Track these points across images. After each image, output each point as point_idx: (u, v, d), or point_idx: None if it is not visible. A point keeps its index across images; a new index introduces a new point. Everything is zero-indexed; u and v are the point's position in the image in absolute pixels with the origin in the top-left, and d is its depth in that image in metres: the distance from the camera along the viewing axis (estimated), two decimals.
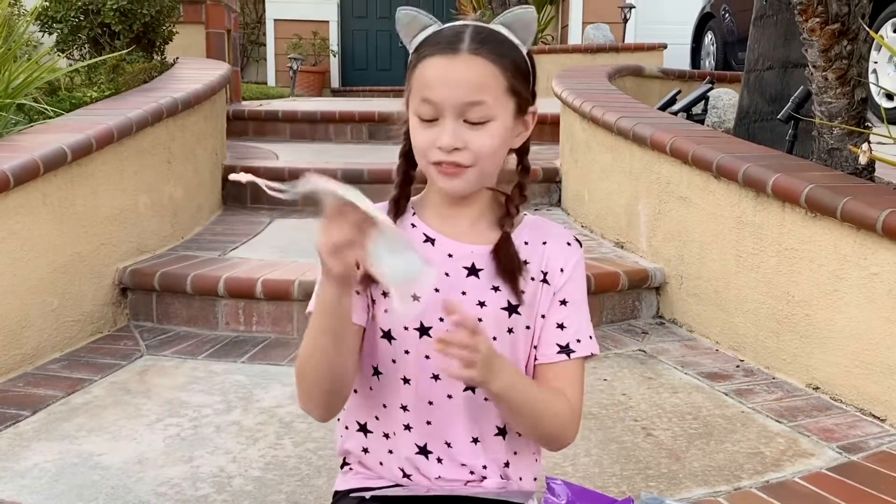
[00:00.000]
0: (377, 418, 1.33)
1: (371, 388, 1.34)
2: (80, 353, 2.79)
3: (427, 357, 1.28)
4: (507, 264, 1.25)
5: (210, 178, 4.06)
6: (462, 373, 1.12)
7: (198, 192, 3.85)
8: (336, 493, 1.37)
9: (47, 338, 2.73)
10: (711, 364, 2.73)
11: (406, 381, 1.30)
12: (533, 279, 1.28)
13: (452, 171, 1.20)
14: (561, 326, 1.29)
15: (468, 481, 1.30)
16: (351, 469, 1.36)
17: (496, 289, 1.27)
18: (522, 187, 1.28)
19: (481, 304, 1.27)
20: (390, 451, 1.30)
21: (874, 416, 2.31)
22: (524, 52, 1.22)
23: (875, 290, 2.28)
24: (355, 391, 1.36)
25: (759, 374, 2.65)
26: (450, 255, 1.27)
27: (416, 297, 1.12)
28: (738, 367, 2.71)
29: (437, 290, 1.25)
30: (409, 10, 1.22)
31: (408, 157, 1.28)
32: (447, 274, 1.27)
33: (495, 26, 1.20)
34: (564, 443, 1.31)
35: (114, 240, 3.08)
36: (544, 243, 1.30)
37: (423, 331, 1.27)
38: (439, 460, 1.28)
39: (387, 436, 1.30)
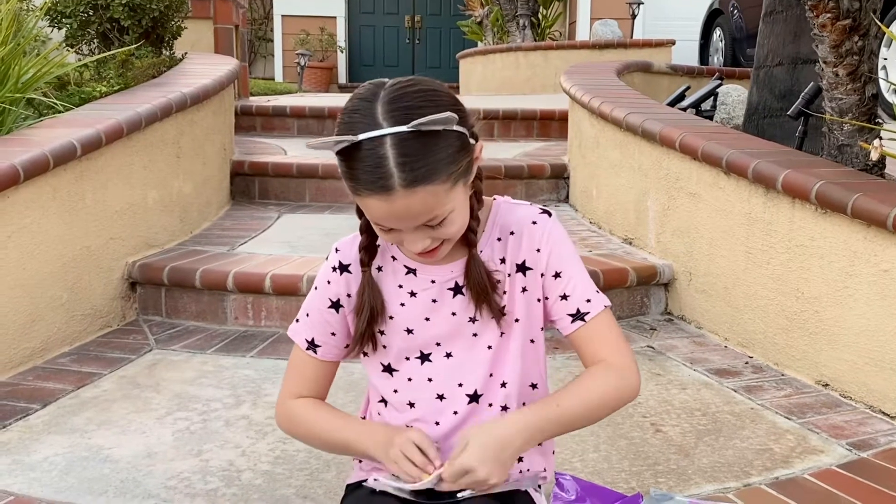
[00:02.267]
0: None
1: (379, 414, 1.36)
2: (89, 347, 2.80)
3: (430, 380, 1.30)
4: (478, 288, 1.25)
5: (218, 173, 4.07)
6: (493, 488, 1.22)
7: (206, 186, 3.86)
8: (349, 486, 1.38)
9: (57, 332, 2.74)
10: (720, 360, 2.73)
11: (411, 405, 1.32)
12: (510, 275, 1.29)
13: (428, 256, 1.21)
14: (565, 297, 1.30)
15: None
16: (362, 461, 1.37)
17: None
18: (479, 193, 1.25)
19: (472, 319, 1.28)
20: None
21: (884, 413, 2.30)
22: (452, 125, 1.12)
23: (886, 287, 2.28)
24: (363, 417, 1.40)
25: (768, 371, 2.64)
26: (433, 281, 1.28)
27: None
28: (746, 363, 2.71)
29: (427, 319, 1.27)
30: (314, 144, 1.15)
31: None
32: (434, 300, 1.28)
33: (416, 129, 1.10)
34: (630, 398, 1.30)
35: (123, 234, 3.09)
36: (512, 233, 1.29)
37: (424, 357, 1.29)
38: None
39: None
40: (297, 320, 1.36)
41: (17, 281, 2.57)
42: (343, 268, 1.30)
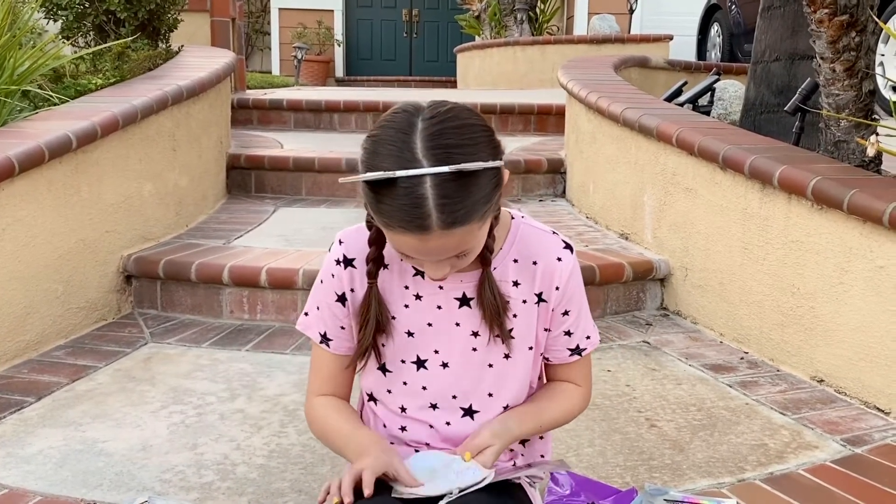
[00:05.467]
0: (384, 427, 1.35)
1: (373, 413, 1.36)
2: (84, 340, 2.79)
3: (424, 388, 1.29)
4: (491, 307, 1.25)
5: (215, 167, 4.06)
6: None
7: (202, 180, 3.85)
8: None
9: (52, 324, 2.73)
10: (715, 356, 2.73)
11: (403, 409, 1.31)
12: (525, 301, 1.29)
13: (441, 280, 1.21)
14: (568, 333, 1.33)
15: None
16: None
17: None
18: (497, 209, 1.22)
19: (475, 334, 1.27)
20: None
21: (878, 409, 2.30)
22: (491, 163, 1.10)
23: (881, 283, 2.28)
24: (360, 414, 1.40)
25: (764, 367, 2.64)
26: (440, 287, 1.27)
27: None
28: (742, 359, 2.71)
29: (430, 325, 1.26)
30: (348, 180, 1.12)
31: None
32: (439, 307, 1.27)
33: (456, 169, 1.07)
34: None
35: (118, 227, 3.08)
36: (535, 263, 1.28)
37: (420, 363, 1.28)
38: None
39: (391, 442, 1.32)
40: (307, 314, 1.33)
41: (13, 273, 2.57)
42: (347, 262, 1.28)
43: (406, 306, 1.27)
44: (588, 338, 1.35)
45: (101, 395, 2.37)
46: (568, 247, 1.30)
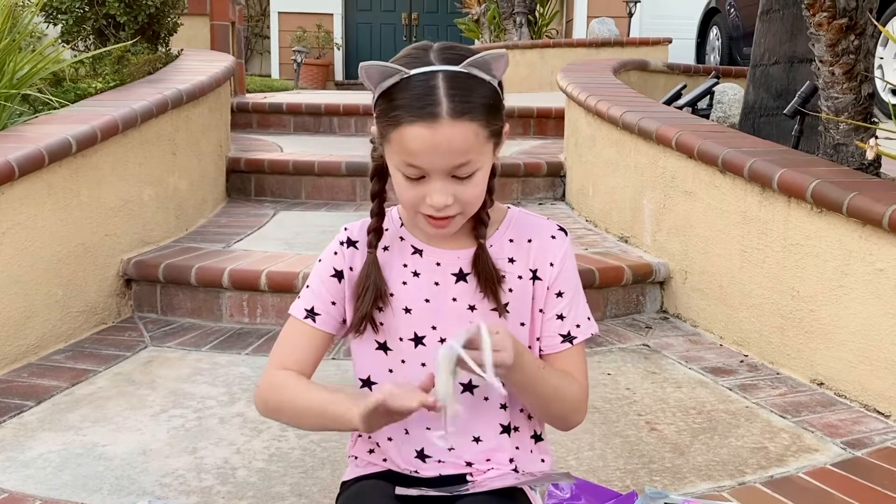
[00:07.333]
0: None
1: None
2: (84, 344, 2.79)
3: (423, 364, 1.29)
4: (486, 276, 1.27)
5: (214, 170, 4.06)
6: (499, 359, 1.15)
7: (202, 183, 3.85)
8: (343, 483, 1.38)
9: (52, 328, 2.73)
10: (715, 359, 2.73)
11: None
12: (521, 277, 1.30)
13: (442, 223, 1.21)
14: (560, 317, 1.33)
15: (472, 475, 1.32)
16: (357, 458, 1.38)
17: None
18: (491, 191, 1.27)
19: (471, 307, 1.29)
20: (395, 447, 1.32)
21: (878, 412, 2.30)
22: (495, 84, 1.20)
23: (881, 286, 2.28)
24: None
25: (764, 370, 2.65)
26: (438, 264, 1.30)
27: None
28: (742, 362, 2.71)
29: (427, 301, 1.27)
30: (368, 66, 1.17)
31: (380, 177, 1.28)
32: (437, 283, 1.29)
33: (467, 69, 1.17)
34: (574, 424, 1.36)
35: (118, 231, 3.08)
36: (529, 241, 1.31)
37: (418, 340, 1.29)
38: (440, 461, 1.30)
39: (390, 439, 1.32)
40: (299, 296, 1.34)
41: (12, 277, 2.57)
42: (351, 243, 1.32)
43: (404, 283, 1.30)
44: (578, 326, 1.34)
45: (101, 398, 2.37)
46: (562, 230, 1.34)
